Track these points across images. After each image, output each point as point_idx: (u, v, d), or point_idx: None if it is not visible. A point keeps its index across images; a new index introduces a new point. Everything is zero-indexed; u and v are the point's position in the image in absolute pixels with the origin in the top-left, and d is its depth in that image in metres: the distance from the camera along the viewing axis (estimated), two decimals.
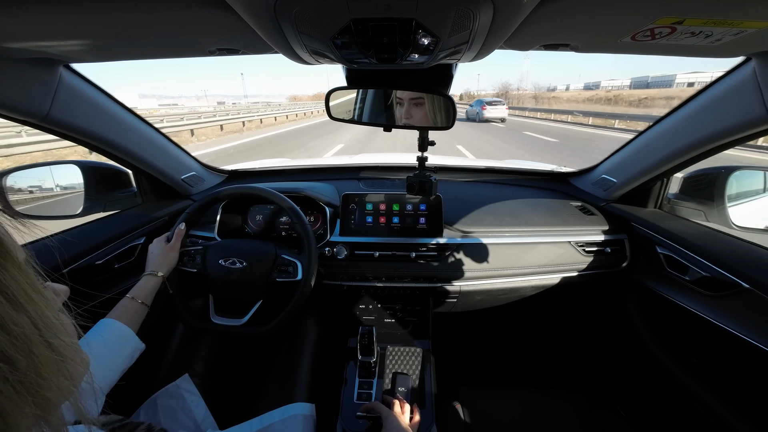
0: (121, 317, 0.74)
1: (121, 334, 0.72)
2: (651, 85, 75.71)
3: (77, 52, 0.75)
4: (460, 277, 1.13)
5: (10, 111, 0.76)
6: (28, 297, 0.26)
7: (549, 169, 1.58)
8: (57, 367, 0.27)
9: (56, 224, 1.00)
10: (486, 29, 0.51)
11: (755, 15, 0.51)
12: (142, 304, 0.80)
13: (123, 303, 0.78)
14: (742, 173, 1.05)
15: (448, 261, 1.12)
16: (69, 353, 0.29)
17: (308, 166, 1.63)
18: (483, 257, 1.12)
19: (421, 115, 0.86)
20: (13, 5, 0.51)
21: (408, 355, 1.06)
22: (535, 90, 67.22)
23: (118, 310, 0.76)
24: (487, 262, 1.12)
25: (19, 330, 0.24)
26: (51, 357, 0.26)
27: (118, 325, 0.72)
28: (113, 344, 0.70)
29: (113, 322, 0.72)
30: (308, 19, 0.49)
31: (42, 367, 0.25)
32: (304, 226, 0.97)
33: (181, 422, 0.85)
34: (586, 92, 58.56)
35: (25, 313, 0.25)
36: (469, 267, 1.12)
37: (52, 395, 0.26)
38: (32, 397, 0.24)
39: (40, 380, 0.25)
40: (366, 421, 0.88)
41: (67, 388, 0.28)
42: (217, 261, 0.95)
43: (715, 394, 0.89)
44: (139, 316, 0.79)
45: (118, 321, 0.73)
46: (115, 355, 0.69)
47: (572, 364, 1.53)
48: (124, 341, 0.72)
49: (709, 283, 0.89)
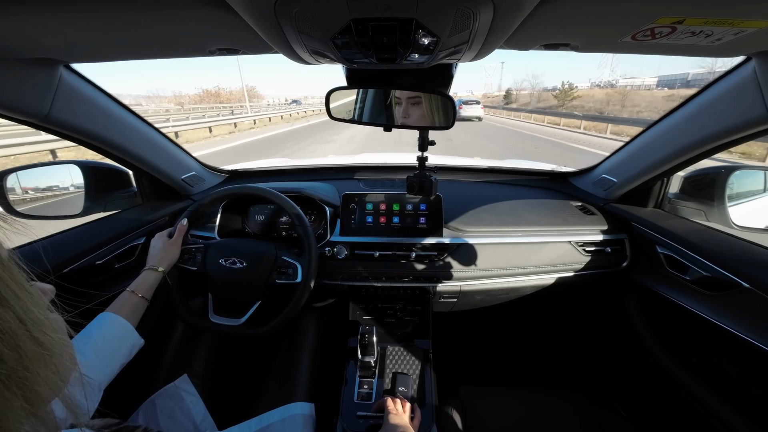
0: (120, 311, 0.74)
1: (121, 328, 0.72)
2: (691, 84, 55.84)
3: (77, 52, 0.75)
4: (460, 277, 1.13)
5: (10, 111, 0.76)
6: (13, 293, 0.26)
7: (549, 169, 1.58)
8: (44, 361, 0.27)
9: (57, 224, 1.01)
10: (486, 29, 0.51)
11: (755, 15, 0.51)
12: (142, 299, 0.79)
13: (123, 297, 0.78)
14: (742, 173, 1.05)
15: (448, 261, 1.12)
16: (56, 349, 0.29)
17: (308, 166, 1.63)
18: (483, 257, 1.12)
19: (419, 115, 0.86)
20: (13, 5, 0.51)
21: (408, 354, 1.06)
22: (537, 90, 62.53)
23: (117, 303, 0.76)
24: (487, 262, 1.12)
25: (5, 325, 0.24)
26: (38, 352, 0.27)
27: (117, 320, 0.72)
28: (113, 338, 0.69)
29: (113, 316, 0.72)
30: (308, 19, 0.49)
31: (29, 362, 0.26)
32: (306, 230, 0.97)
33: (180, 423, 0.85)
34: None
35: (10, 309, 0.25)
36: (469, 267, 1.12)
37: (41, 389, 0.27)
38: (21, 392, 0.25)
39: (28, 374, 0.25)
40: (366, 421, 0.88)
41: (55, 382, 0.28)
42: (217, 260, 0.95)
43: (715, 394, 0.89)
44: (139, 310, 0.78)
45: (117, 315, 0.72)
46: (114, 349, 0.68)
47: (572, 364, 1.52)
48: (123, 336, 0.71)
49: (709, 283, 0.89)
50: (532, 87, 70.71)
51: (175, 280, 0.93)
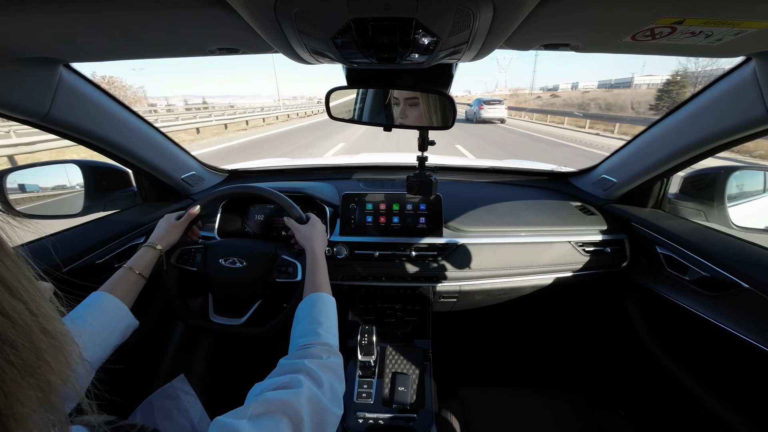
0: (115, 289, 0.72)
1: (116, 309, 0.70)
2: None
3: (77, 52, 0.75)
4: (459, 277, 1.13)
5: (10, 110, 0.76)
6: (23, 286, 0.27)
7: (549, 169, 1.59)
8: (55, 351, 0.28)
9: (57, 224, 1.01)
10: (486, 29, 0.51)
11: (755, 15, 0.51)
12: (139, 275, 0.77)
13: (120, 273, 0.76)
14: (742, 173, 1.05)
15: (448, 261, 1.12)
16: (64, 340, 0.30)
17: (308, 166, 1.63)
18: (483, 257, 1.12)
19: (417, 115, 0.86)
20: (13, 5, 0.51)
21: (408, 354, 1.06)
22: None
23: (113, 281, 0.74)
24: (487, 262, 1.12)
25: (18, 316, 0.25)
26: (49, 342, 0.28)
27: (112, 300, 0.70)
28: (106, 319, 0.67)
29: (107, 296, 0.70)
30: (308, 19, 0.49)
31: (42, 351, 0.27)
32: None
33: (177, 423, 0.85)
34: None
35: (22, 301, 0.26)
36: (468, 267, 1.12)
37: (53, 378, 0.28)
38: (35, 380, 0.25)
39: (42, 363, 0.26)
40: (366, 421, 0.88)
41: (64, 372, 0.29)
42: (217, 260, 0.95)
43: (715, 394, 0.89)
44: (136, 288, 0.77)
45: (111, 295, 0.70)
46: (108, 331, 0.66)
47: (572, 364, 1.53)
48: (118, 317, 0.69)
49: (709, 283, 0.89)
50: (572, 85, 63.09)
51: (174, 278, 0.93)
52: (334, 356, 0.62)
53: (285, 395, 0.48)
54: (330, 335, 0.67)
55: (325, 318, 0.69)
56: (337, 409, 0.55)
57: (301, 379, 0.51)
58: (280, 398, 0.47)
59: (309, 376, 0.54)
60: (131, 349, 0.72)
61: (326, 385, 0.54)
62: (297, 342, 0.65)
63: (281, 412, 0.44)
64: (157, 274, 0.86)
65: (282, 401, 0.46)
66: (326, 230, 1.16)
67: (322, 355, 0.60)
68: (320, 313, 0.70)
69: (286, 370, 0.56)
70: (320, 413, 0.50)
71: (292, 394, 0.48)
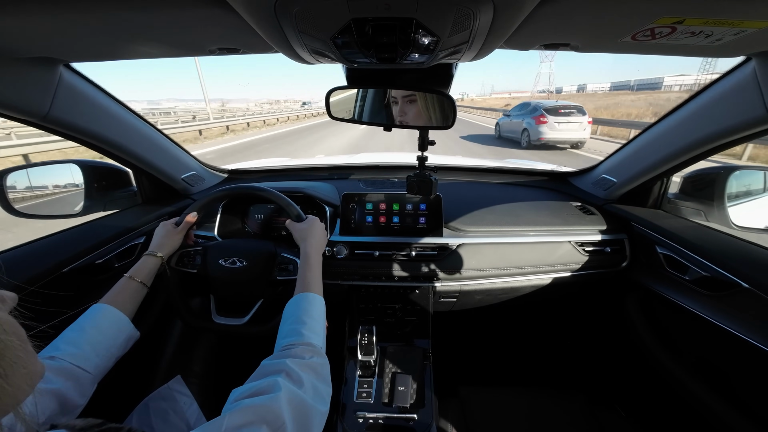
0: (116, 299, 0.72)
1: (116, 321, 0.69)
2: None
3: (77, 52, 0.75)
4: (459, 277, 1.13)
5: (10, 110, 0.76)
6: None
7: (549, 169, 1.59)
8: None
9: (56, 223, 1.01)
10: (486, 29, 0.51)
11: (755, 15, 0.51)
12: (141, 284, 0.77)
13: (120, 283, 0.76)
14: (742, 173, 1.05)
15: (448, 260, 1.12)
16: (6, 352, 0.30)
17: (308, 166, 1.63)
18: (483, 257, 1.12)
19: (417, 114, 0.86)
20: (13, 5, 0.51)
21: (408, 354, 1.06)
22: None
23: (114, 291, 0.74)
24: (487, 262, 1.12)
25: None
26: None
27: (112, 312, 0.69)
28: (107, 330, 0.67)
29: (108, 308, 0.69)
30: (309, 19, 0.49)
31: None
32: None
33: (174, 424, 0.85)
34: None
35: None
36: (468, 266, 1.12)
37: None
38: None
39: None
40: (366, 421, 0.88)
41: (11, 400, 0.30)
42: (217, 261, 0.95)
43: (715, 394, 0.89)
44: (138, 296, 0.76)
45: (112, 306, 0.70)
46: (109, 343, 0.66)
47: (572, 364, 1.53)
48: (118, 328, 0.69)
49: (709, 283, 0.89)
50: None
51: (176, 283, 0.93)
52: (318, 356, 0.62)
53: (262, 401, 0.47)
54: (314, 335, 0.66)
55: (310, 318, 0.69)
56: (322, 406, 0.55)
57: (279, 381, 0.50)
58: (257, 404, 0.46)
59: (288, 376, 0.53)
60: (129, 351, 0.72)
61: (307, 384, 0.54)
62: (281, 342, 0.65)
63: (259, 420, 0.43)
64: (156, 276, 0.86)
65: (260, 407, 0.45)
66: (326, 230, 1.16)
67: (304, 355, 0.60)
68: (305, 313, 0.69)
69: (267, 371, 0.55)
70: (303, 412, 0.50)
71: (270, 399, 0.47)
